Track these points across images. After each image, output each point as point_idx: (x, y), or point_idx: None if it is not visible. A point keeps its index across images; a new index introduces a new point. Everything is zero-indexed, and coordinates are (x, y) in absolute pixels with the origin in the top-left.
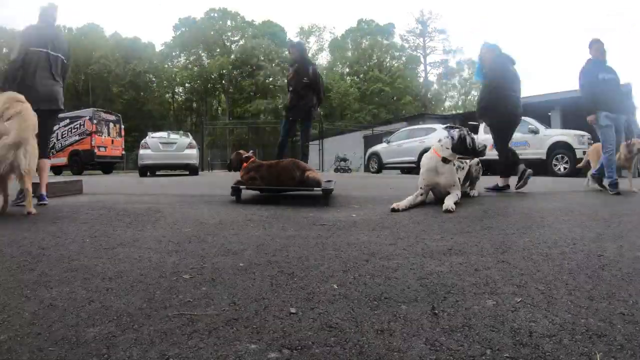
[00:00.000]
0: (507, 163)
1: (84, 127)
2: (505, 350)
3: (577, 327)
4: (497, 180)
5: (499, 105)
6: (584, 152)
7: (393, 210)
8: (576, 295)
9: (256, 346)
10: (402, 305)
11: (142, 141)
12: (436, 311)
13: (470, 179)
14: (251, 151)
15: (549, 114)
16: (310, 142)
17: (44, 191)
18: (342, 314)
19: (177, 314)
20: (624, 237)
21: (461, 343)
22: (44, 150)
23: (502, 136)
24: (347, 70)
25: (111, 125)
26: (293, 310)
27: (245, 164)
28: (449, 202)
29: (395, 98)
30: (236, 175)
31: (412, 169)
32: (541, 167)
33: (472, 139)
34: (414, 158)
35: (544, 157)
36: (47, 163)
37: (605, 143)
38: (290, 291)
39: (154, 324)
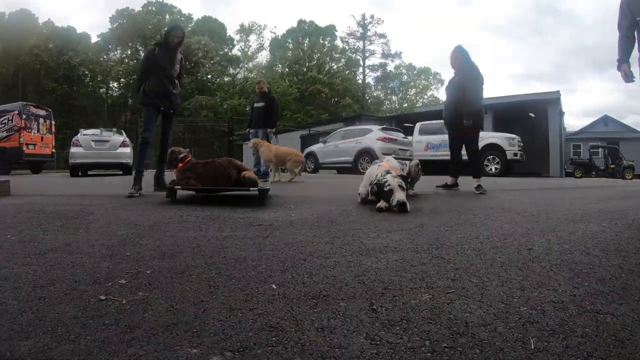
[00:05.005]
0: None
1: (12, 122)
2: (443, 341)
3: (511, 316)
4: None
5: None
6: (515, 154)
7: (380, 210)
8: (508, 287)
9: (198, 350)
10: (341, 303)
11: (74, 138)
12: (375, 307)
13: (410, 179)
14: (187, 150)
15: None
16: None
17: None
18: (282, 314)
19: (114, 322)
20: (552, 232)
21: (400, 336)
22: None
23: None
24: (287, 70)
25: (41, 120)
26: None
27: (180, 164)
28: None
29: (334, 100)
30: (170, 175)
31: (348, 169)
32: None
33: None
34: (350, 158)
35: None
36: None
37: None
38: (229, 293)
39: (90, 334)
